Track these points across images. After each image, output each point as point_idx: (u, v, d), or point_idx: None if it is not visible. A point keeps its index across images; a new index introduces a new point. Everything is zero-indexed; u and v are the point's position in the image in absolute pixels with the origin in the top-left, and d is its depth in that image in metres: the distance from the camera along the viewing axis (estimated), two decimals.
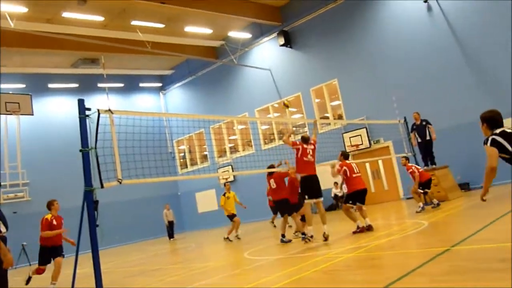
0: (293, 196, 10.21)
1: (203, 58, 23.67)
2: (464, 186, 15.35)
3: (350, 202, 9.41)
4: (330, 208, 19.09)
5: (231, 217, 13.65)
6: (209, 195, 26.24)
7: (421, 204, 11.20)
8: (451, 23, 16.44)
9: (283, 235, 10.00)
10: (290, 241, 9.84)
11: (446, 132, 15.38)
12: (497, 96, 14.72)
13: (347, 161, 9.73)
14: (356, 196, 9.41)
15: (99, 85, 25.31)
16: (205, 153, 27.17)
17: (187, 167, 27.91)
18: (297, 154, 9.09)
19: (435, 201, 11.56)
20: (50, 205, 8.56)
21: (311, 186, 8.96)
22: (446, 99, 16.37)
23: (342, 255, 6.78)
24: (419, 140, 13.89)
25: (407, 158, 12.41)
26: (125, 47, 19.64)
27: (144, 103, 27.96)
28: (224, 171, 24.00)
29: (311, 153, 9.10)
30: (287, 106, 10.70)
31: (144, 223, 25.00)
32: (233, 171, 23.57)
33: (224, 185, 14.50)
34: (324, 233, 8.56)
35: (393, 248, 6.75)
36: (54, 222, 8.33)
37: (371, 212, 9.58)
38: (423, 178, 11.77)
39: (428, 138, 13.78)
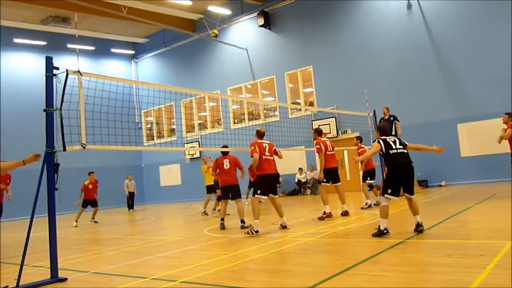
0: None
1: (180, 29, 23.16)
2: (423, 183, 15.94)
3: (325, 180, 9.20)
4: (293, 193, 19.38)
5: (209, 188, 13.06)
6: (173, 169, 26.04)
7: (368, 201, 10.60)
8: (428, 24, 16.75)
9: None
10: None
11: (411, 129, 15.78)
12: (458, 97, 15.38)
13: (322, 138, 9.58)
14: (329, 174, 9.27)
15: (69, 45, 24.38)
16: (173, 126, 26.84)
17: (153, 139, 27.52)
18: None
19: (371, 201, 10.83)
20: None
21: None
22: (415, 97, 16.80)
23: (300, 239, 6.90)
24: None
25: (360, 139, 11.83)
26: (100, 9, 18.92)
27: (115, 69, 27.17)
28: (191, 147, 23.83)
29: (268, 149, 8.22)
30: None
31: (104, 192, 24.37)
32: (199, 147, 23.43)
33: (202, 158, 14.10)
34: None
35: (349, 236, 6.93)
36: None
37: (332, 200, 9.76)
38: (367, 166, 11.08)
39: (393, 133, 14.06)
